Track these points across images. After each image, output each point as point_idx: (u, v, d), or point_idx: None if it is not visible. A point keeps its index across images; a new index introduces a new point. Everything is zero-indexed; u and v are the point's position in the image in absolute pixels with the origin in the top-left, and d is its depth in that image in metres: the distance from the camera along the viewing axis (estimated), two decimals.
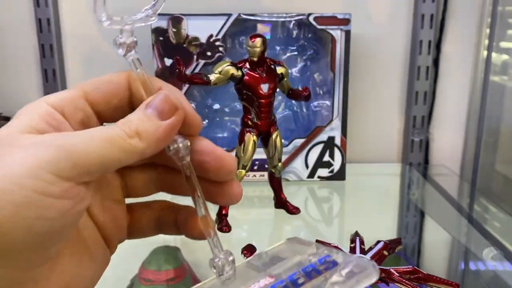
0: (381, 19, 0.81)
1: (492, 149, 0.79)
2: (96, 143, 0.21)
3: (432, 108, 0.83)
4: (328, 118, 0.74)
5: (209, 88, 0.73)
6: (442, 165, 0.84)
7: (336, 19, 0.71)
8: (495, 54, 0.77)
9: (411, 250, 0.56)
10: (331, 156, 0.74)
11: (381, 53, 0.82)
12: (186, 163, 0.24)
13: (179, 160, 0.24)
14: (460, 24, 0.80)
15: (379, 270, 0.25)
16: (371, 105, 0.84)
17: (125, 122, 0.22)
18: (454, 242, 0.59)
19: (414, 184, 0.80)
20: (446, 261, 0.56)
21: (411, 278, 0.42)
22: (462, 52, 0.81)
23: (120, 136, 0.21)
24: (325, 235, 0.59)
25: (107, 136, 0.21)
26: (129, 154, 0.21)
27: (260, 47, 0.53)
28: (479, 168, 0.81)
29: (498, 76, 0.78)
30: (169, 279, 0.45)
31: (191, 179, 0.25)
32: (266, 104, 0.55)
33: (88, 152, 0.20)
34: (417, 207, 0.71)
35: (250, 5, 0.78)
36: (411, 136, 0.83)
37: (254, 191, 0.72)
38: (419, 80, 0.81)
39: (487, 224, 0.64)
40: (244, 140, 0.56)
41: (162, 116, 0.23)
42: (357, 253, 0.47)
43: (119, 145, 0.21)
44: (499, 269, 0.52)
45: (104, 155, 0.21)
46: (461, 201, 0.74)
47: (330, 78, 0.73)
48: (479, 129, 0.81)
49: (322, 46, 0.73)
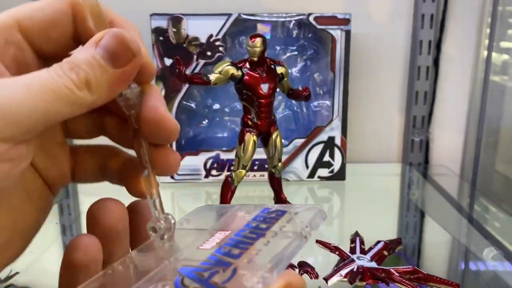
0: (381, 19, 0.81)
1: (492, 149, 0.79)
2: (36, 96, 0.17)
3: (432, 108, 0.83)
4: (328, 118, 0.74)
5: (209, 88, 0.73)
6: (442, 165, 0.84)
7: (336, 19, 0.71)
8: (495, 54, 0.77)
9: (411, 250, 0.56)
10: (331, 156, 0.74)
11: (381, 53, 0.82)
12: (134, 114, 0.21)
13: (128, 109, 0.21)
14: (460, 24, 0.80)
15: (325, 213, 0.23)
16: (371, 105, 0.84)
17: (72, 67, 0.19)
18: (454, 242, 0.59)
19: (414, 184, 0.79)
20: (446, 261, 0.56)
21: (411, 278, 0.42)
22: (462, 52, 0.81)
23: (67, 87, 0.18)
24: (325, 235, 0.58)
25: (50, 87, 0.18)
26: (76, 107, 0.19)
27: (260, 47, 0.53)
28: (479, 168, 0.81)
29: (498, 76, 0.77)
30: None
31: (138, 132, 0.22)
32: (266, 104, 0.55)
33: (28, 108, 0.17)
34: (417, 207, 0.71)
35: (250, 5, 0.78)
36: (411, 136, 0.83)
37: (254, 191, 0.72)
38: (419, 80, 0.81)
39: (487, 224, 0.63)
40: (244, 140, 0.56)
41: (115, 62, 0.19)
42: (357, 253, 0.47)
43: (66, 98, 0.18)
44: (499, 269, 0.52)
45: (48, 110, 0.18)
46: (461, 201, 0.73)
47: (330, 78, 0.73)
48: (479, 129, 0.80)
49: (322, 46, 0.73)
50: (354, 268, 0.44)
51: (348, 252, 0.47)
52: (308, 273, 0.46)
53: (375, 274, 0.43)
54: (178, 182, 0.74)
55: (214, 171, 0.74)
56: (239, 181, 0.56)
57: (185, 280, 0.18)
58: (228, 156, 0.73)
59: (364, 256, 0.46)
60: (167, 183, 0.73)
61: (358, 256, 0.46)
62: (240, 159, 0.56)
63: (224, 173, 0.74)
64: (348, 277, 0.42)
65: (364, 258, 0.46)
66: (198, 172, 0.74)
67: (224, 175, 0.70)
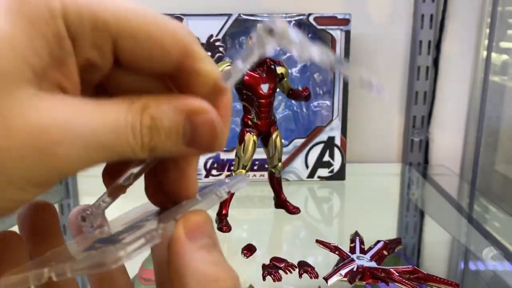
0: (381, 19, 0.81)
1: (492, 149, 0.79)
2: (90, 146, 0.16)
3: (432, 108, 0.83)
4: (328, 118, 0.74)
5: None
6: (442, 165, 0.84)
7: (336, 19, 0.71)
8: (495, 54, 0.77)
9: (411, 250, 0.57)
10: (331, 156, 0.74)
11: (381, 53, 0.82)
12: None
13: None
14: (460, 24, 0.80)
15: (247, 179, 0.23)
16: (371, 105, 0.84)
17: (151, 128, 0.17)
18: (454, 242, 0.59)
19: (414, 184, 0.80)
20: (446, 261, 0.56)
21: (411, 277, 0.42)
22: (462, 52, 0.81)
23: (130, 145, 0.17)
24: (325, 235, 0.59)
25: (111, 143, 0.16)
26: (119, 158, 0.17)
27: None
28: (479, 168, 0.81)
29: (498, 76, 0.78)
30: None
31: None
32: (266, 104, 0.55)
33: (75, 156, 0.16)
34: (417, 207, 0.71)
35: (250, 5, 0.78)
36: (411, 136, 0.83)
37: (254, 191, 0.72)
38: (419, 80, 0.81)
39: (487, 224, 0.64)
40: (244, 140, 0.56)
41: (194, 144, 0.18)
42: (357, 253, 0.47)
43: (119, 151, 0.17)
44: (499, 269, 0.52)
45: (92, 160, 0.16)
46: (461, 201, 0.74)
47: (330, 78, 0.73)
48: (479, 129, 0.81)
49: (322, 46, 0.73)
50: (354, 267, 0.44)
51: (348, 252, 0.48)
52: (308, 272, 0.46)
53: (375, 274, 0.43)
54: None
55: (214, 171, 0.74)
56: None
57: (96, 244, 0.19)
58: (228, 156, 0.73)
59: (364, 256, 0.46)
60: None
61: (358, 255, 0.46)
62: (240, 159, 0.56)
63: (224, 173, 0.74)
64: (348, 277, 0.42)
65: (364, 257, 0.46)
66: (198, 172, 0.74)
67: (224, 175, 0.70)
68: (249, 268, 0.49)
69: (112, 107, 0.17)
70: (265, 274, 0.46)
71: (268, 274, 0.46)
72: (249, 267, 0.49)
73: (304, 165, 0.75)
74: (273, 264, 0.48)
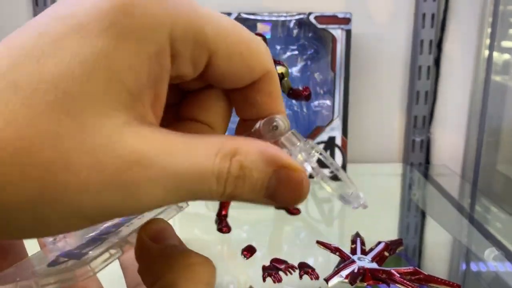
0: (382, 19, 0.81)
1: (493, 149, 0.79)
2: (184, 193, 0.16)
3: (433, 108, 0.83)
4: (329, 118, 0.74)
5: None
6: (443, 165, 0.84)
7: (337, 18, 0.71)
8: (497, 54, 0.77)
9: (412, 251, 0.56)
10: (332, 156, 0.74)
11: (382, 52, 0.81)
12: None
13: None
14: (461, 24, 0.80)
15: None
16: (372, 105, 0.84)
17: (239, 177, 0.16)
18: (455, 243, 0.58)
19: (415, 184, 0.79)
20: (447, 261, 0.56)
21: (412, 279, 0.42)
22: (463, 51, 0.81)
23: (213, 191, 0.16)
24: (326, 235, 0.58)
25: (195, 183, 0.15)
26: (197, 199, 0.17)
27: None
28: (480, 168, 0.81)
29: (499, 75, 0.77)
30: None
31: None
32: None
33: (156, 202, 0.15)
34: (418, 207, 0.71)
35: (250, 4, 0.78)
36: (412, 136, 0.83)
37: None
38: (420, 80, 0.80)
39: (489, 224, 0.63)
40: None
41: (272, 196, 0.17)
42: (358, 254, 0.47)
43: (203, 195, 0.16)
44: (501, 270, 0.51)
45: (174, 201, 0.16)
46: (462, 202, 0.73)
47: (330, 77, 0.73)
48: (480, 129, 0.80)
49: (322, 45, 0.73)
50: (354, 269, 0.43)
51: (349, 253, 0.47)
52: (308, 274, 0.46)
53: (376, 275, 0.43)
54: None
55: None
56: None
57: (59, 258, 0.19)
58: None
59: (364, 257, 0.46)
60: None
61: (358, 257, 0.46)
62: None
63: None
64: (348, 278, 0.42)
65: (364, 259, 0.46)
66: None
67: None
68: (249, 269, 0.49)
69: (201, 148, 0.16)
70: (265, 275, 0.46)
71: (268, 275, 0.46)
72: (249, 268, 0.49)
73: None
74: (273, 265, 0.47)
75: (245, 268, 0.50)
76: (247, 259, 0.50)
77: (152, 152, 0.15)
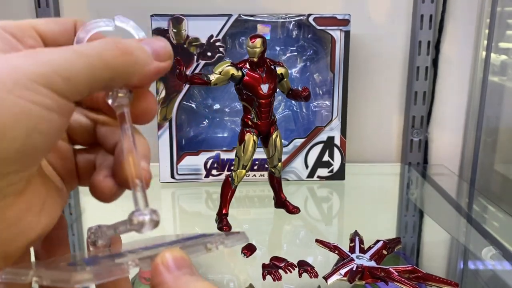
0: (381, 20, 0.81)
1: (491, 149, 0.80)
2: (88, 60, 0.19)
3: (431, 108, 0.84)
4: (328, 118, 0.74)
5: (209, 88, 0.73)
6: (441, 165, 0.85)
7: (336, 19, 0.71)
8: (494, 55, 0.78)
9: (410, 250, 0.57)
10: (331, 156, 0.75)
11: (380, 53, 0.82)
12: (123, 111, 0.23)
13: (119, 108, 0.23)
14: (459, 25, 0.81)
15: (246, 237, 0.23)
16: (371, 105, 0.84)
17: (119, 41, 0.21)
18: (453, 242, 0.59)
19: (413, 184, 0.80)
20: (445, 260, 0.56)
21: (411, 277, 0.42)
22: (461, 52, 0.82)
23: (113, 53, 0.20)
24: (325, 234, 0.59)
25: (98, 51, 0.20)
26: (118, 74, 0.21)
27: (260, 48, 0.53)
28: (478, 167, 0.81)
29: (497, 76, 0.78)
30: None
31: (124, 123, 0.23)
32: (266, 104, 0.55)
33: (78, 68, 0.19)
34: (416, 206, 0.71)
35: (250, 5, 0.79)
36: (410, 136, 0.83)
37: (254, 191, 0.72)
38: (418, 81, 0.81)
39: (486, 223, 0.64)
40: (244, 140, 0.56)
41: (157, 57, 0.22)
42: (356, 252, 0.48)
43: (111, 63, 0.20)
44: (498, 268, 0.52)
45: (94, 73, 0.20)
46: (460, 201, 0.74)
47: (329, 78, 0.74)
48: (478, 129, 0.81)
49: (321, 46, 0.73)
50: (353, 267, 0.44)
51: (348, 251, 0.48)
52: (307, 272, 0.46)
53: (375, 273, 0.43)
54: (178, 182, 0.74)
55: (214, 171, 0.74)
56: (239, 181, 0.57)
57: (80, 262, 0.20)
58: (228, 156, 0.73)
59: (363, 255, 0.46)
60: (167, 183, 0.73)
61: (357, 255, 0.47)
62: (240, 159, 0.56)
63: (224, 173, 0.74)
64: (347, 276, 0.43)
65: (363, 257, 0.46)
66: (198, 172, 0.74)
67: (224, 175, 0.70)
68: (249, 267, 0.49)
69: (94, 43, 0.21)
70: (265, 273, 0.46)
71: (268, 273, 0.46)
72: (249, 267, 0.50)
73: (304, 165, 0.75)
74: (273, 263, 0.48)
75: (245, 266, 0.50)
76: (247, 257, 0.50)
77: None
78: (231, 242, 0.22)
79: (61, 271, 0.19)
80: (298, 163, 0.75)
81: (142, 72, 0.22)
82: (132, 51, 0.21)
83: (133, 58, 0.21)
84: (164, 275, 0.19)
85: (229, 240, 0.22)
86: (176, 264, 0.19)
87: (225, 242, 0.22)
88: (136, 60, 0.21)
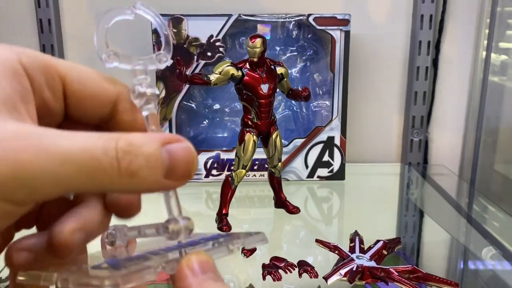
0: (381, 20, 0.81)
1: (491, 149, 0.80)
2: (69, 168, 0.16)
3: (431, 108, 0.84)
4: (328, 118, 0.74)
5: (209, 88, 0.73)
6: (441, 165, 0.85)
7: (336, 19, 0.71)
8: (494, 55, 0.78)
9: (410, 250, 0.57)
10: (331, 156, 0.75)
11: (380, 53, 0.82)
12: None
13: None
14: (459, 25, 0.81)
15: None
16: (371, 105, 0.84)
17: (128, 152, 0.17)
18: (453, 242, 0.59)
19: (413, 184, 0.80)
20: (446, 260, 0.56)
21: (411, 277, 0.42)
22: (461, 52, 0.82)
23: (107, 171, 0.16)
24: (325, 234, 0.59)
25: (90, 163, 0.16)
26: (101, 186, 0.17)
27: (260, 48, 0.53)
28: (478, 167, 0.81)
29: (497, 76, 0.78)
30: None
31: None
32: (266, 104, 0.55)
33: (53, 177, 0.16)
34: (416, 206, 0.71)
35: (250, 5, 0.79)
36: (410, 136, 0.83)
37: (254, 191, 0.72)
38: (418, 81, 0.81)
39: (486, 223, 0.64)
40: (244, 140, 0.56)
41: (170, 172, 0.18)
42: (356, 253, 0.48)
43: (99, 178, 0.17)
44: (498, 268, 0.52)
45: (72, 183, 0.16)
46: (460, 201, 0.74)
47: (329, 78, 0.73)
48: (478, 129, 0.81)
49: (321, 46, 0.73)
50: (353, 267, 0.44)
51: (348, 252, 0.48)
52: (307, 272, 0.46)
53: (375, 273, 0.43)
54: None
55: (214, 171, 0.74)
56: (239, 181, 0.57)
57: (103, 264, 0.20)
58: (228, 156, 0.73)
59: (363, 256, 0.47)
60: None
61: (357, 255, 0.47)
62: (240, 159, 0.56)
63: (224, 173, 0.74)
64: (347, 276, 0.43)
65: (363, 257, 0.46)
66: (198, 172, 0.74)
67: (224, 175, 0.70)
68: (249, 267, 0.49)
69: (82, 135, 0.17)
70: (265, 273, 0.46)
71: (268, 273, 0.46)
72: (249, 267, 0.49)
73: (304, 165, 0.75)
74: (273, 263, 0.48)
75: (245, 266, 0.50)
76: (247, 257, 0.50)
77: (34, 131, 0.17)
78: (252, 243, 0.22)
79: (88, 275, 0.18)
80: (298, 163, 0.75)
81: (141, 192, 0.19)
82: (137, 170, 0.17)
83: (135, 182, 0.17)
84: (189, 279, 0.18)
85: (249, 241, 0.22)
86: (201, 268, 0.19)
87: (246, 243, 0.22)
88: (138, 185, 0.17)
